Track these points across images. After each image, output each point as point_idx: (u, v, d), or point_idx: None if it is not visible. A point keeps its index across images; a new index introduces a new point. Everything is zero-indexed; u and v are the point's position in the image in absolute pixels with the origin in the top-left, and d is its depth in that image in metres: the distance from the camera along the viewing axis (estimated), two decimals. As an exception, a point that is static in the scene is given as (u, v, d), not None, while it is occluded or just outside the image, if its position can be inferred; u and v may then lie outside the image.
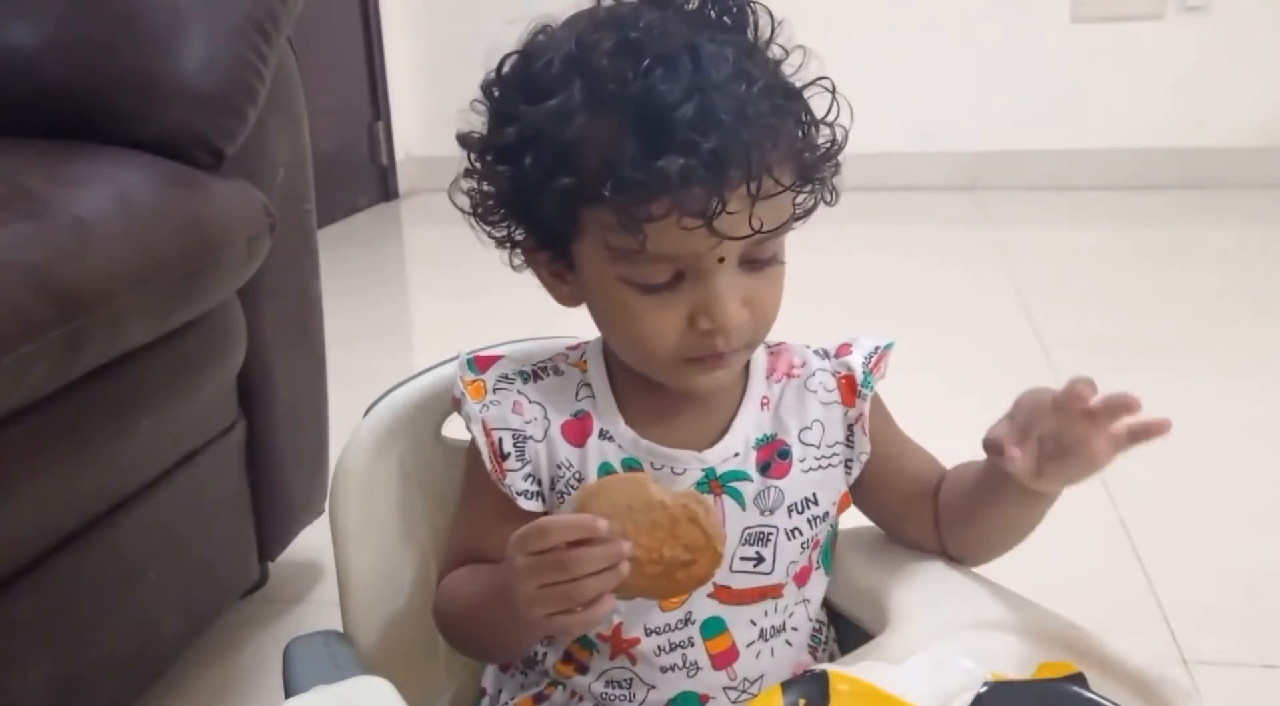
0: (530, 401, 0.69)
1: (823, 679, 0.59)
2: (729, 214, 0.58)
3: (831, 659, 0.73)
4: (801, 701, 0.57)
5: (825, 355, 0.73)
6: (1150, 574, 1.31)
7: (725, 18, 0.63)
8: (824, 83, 0.63)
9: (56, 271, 0.84)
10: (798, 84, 0.63)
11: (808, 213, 0.66)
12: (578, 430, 0.69)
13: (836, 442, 0.71)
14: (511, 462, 0.68)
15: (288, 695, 0.64)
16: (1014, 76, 3.47)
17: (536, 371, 0.71)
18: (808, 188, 0.64)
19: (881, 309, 2.32)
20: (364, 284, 2.77)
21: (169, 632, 1.09)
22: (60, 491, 0.90)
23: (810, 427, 0.70)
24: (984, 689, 0.59)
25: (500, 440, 0.68)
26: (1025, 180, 3.50)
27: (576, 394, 0.70)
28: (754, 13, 0.63)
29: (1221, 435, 1.69)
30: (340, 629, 0.75)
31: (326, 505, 0.79)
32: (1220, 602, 1.25)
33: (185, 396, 1.07)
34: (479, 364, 0.71)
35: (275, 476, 1.23)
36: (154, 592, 1.04)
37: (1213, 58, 3.35)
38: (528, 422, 0.68)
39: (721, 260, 0.61)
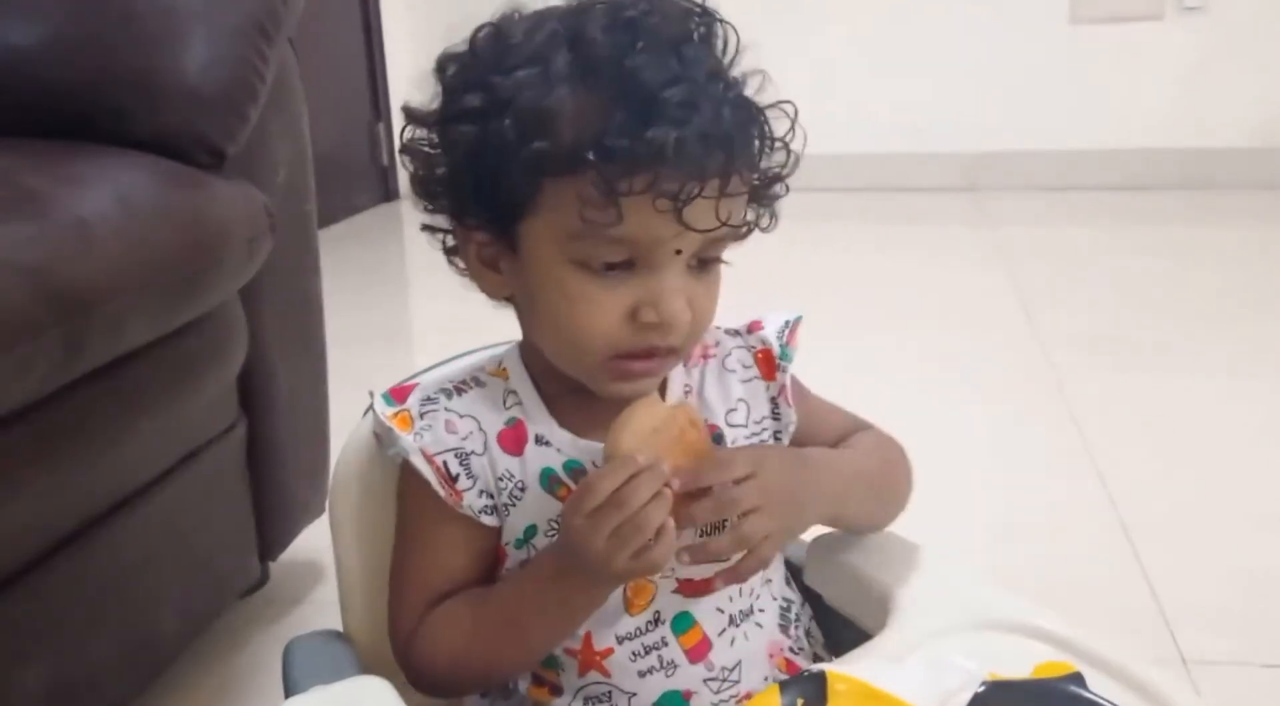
0: (461, 416, 0.68)
1: (821, 678, 0.59)
2: (702, 199, 0.58)
3: (807, 636, 0.74)
4: (800, 701, 0.57)
5: (736, 333, 0.73)
6: (1149, 574, 1.31)
7: (700, 28, 0.63)
8: (785, 107, 0.63)
9: (57, 271, 0.84)
10: (760, 103, 0.63)
11: (745, 234, 0.66)
12: (513, 438, 0.68)
13: (764, 417, 0.71)
14: (463, 482, 0.66)
15: (287, 695, 0.64)
16: (1013, 77, 3.47)
17: (458, 387, 0.70)
18: (764, 199, 0.65)
19: (881, 308, 2.33)
20: (364, 284, 2.77)
21: (169, 632, 1.09)
22: (61, 491, 0.90)
23: (735, 408, 0.71)
24: (982, 688, 0.59)
25: (445, 463, 0.66)
26: (1025, 180, 3.50)
27: (504, 402, 0.69)
28: (724, 33, 0.63)
29: (1222, 435, 1.70)
30: (340, 628, 0.75)
31: (327, 505, 0.79)
32: (1220, 602, 1.25)
33: (186, 396, 1.07)
34: (395, 396, 0.69)
35: (276, 476, 1.23)
36: (154, 592, 1.04)
37: (1211, 58, 3.35)
38: (465, 438, 0.67)
39: (678, 252, 0.61)
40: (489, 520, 0.67)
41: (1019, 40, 3.44)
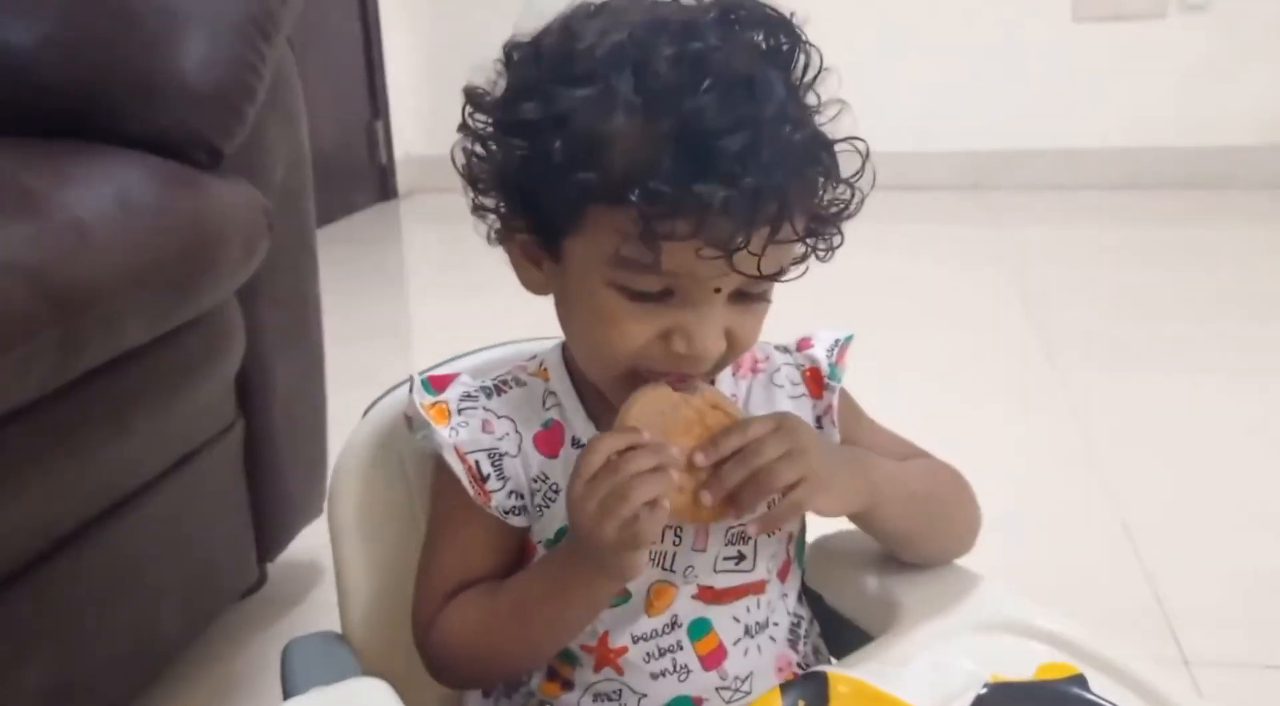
0: (499, 417, 0.68)
1: (822, 680, 0.59)
2: (749, 253, 0.57)
3: (814, 652, 0.73)
4: (801, 703, 0.57)
5: (786, 350, 0.73)
6: (1152, 574, 1.31)
7: (780, 49, 0.61)
8: (858, 144, 0.63)
9: (54, 271, 0.84)
10: (831, 136, 0.62)
11: (800, 262, 0.65)
12: (549, 440, 0.68)
13: None
14: (493, 483, 0.66)
15: (286, 696, 0.64)
16: (1016, 76, 3.46)
17: (499, 385, 0.69)
18: (814, 241, 0.64)
19: (884, 308, 2.32)
20: (363, 284, 2.77)
21: (168, 633, 1.09)
22: (59, 492, 0.90)
23: None
24: (984, 690, 0.59)
25: (477, 463, 0.66)
26: (1028, 179, 3.49)
27: (544, 403, 0.69)
28: (805, 53, 0.62)
29: (1225, 436, 1.70)
30: (339, 630, 0.75)
31: (325, 506, 0.79)
32: (1222, 603, 1.25)
33: (184, 397, 1.06)
34: (435, 384, 0.69)
35: (274, 477, 1.23)
36: (152, 593, 1.04)
37: (1215, 56, 3.34)
38: (500, 439, 0.67)
39: (718, 290, 0.60)
40: (517, 521, 0.67)
41: (1022, 39, 3.44)
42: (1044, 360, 2.05)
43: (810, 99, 0.62)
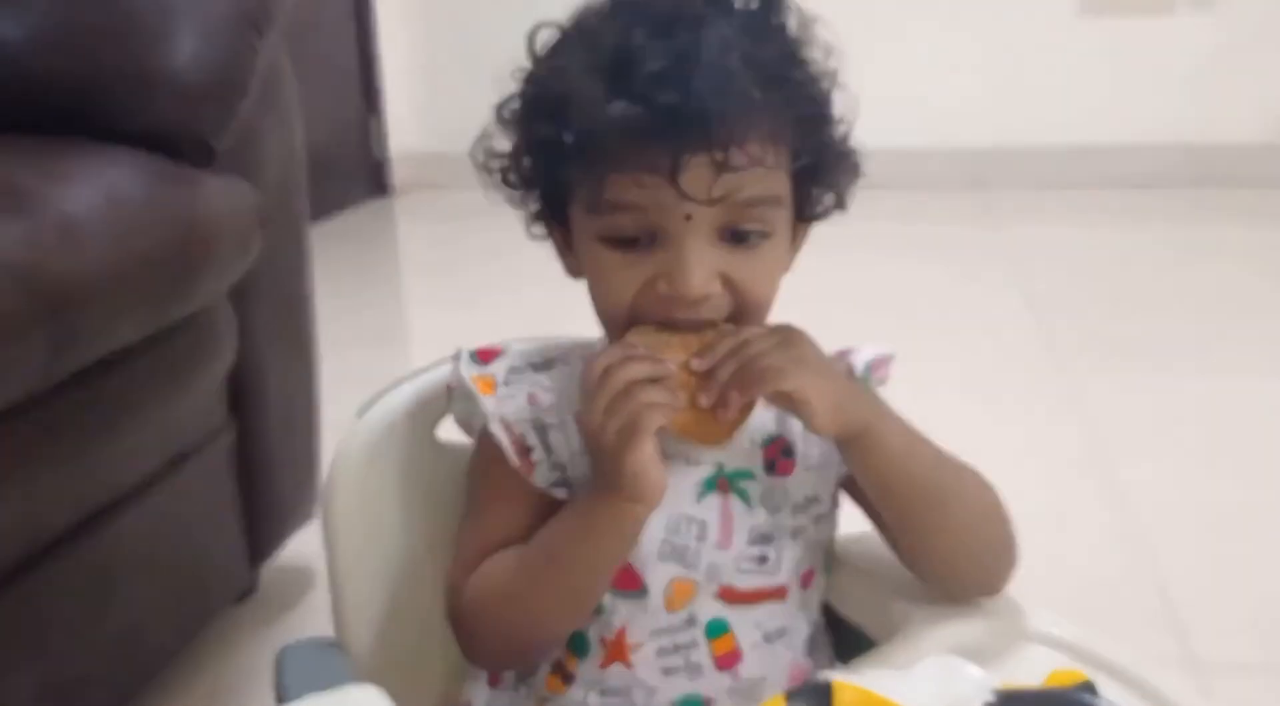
0: (545, 389, 0.68)
1: (826, 688, 0.58)
2: (689, 172, 0.59)
3: (830, 663, 0.72)
4: (806, 710, 0.56)
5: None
6: (1161, 579, 1.30)
7: (751, 3, 0.64)
8: (832, 79, 0.65)
9: (44, 270, 0.83)
10: (822, 82, 0.65)
11: (820, 214, 0.68)
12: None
13: None
14: (537, 455, 0.67)
15: (279, 702, 0.64)
16: (1021, 72, 3.46)
17: (548, 361, 0.70)
18: (803, 169, 0.65)
19: (886, 306, 2.32)
20: (357, 281, 2.76)
21: (158, 639, 1.08)
22: (47, 495, 0.89)
23: None
24: (993, 698, 0.58)
25: (523, 434, 0.67)
26: (1032, 177, 3.48)
27: None
28: (784, 6, 0.65)
29: (1230, 436, 1.69)
30: (332, 635, 0.74)
31: (318, 509, 0.78)
32: (1233, 607, 1.24)
33: (174, 397, 1.06)
34: (482, 357, 0.70)
35: (266, 479, 1.23)
36: (142, 598, 1.03)
37: (1222, 53, 3.33)
38: (545, 410, 0.68)
39: (689, 218, 0.61)
40: (559, 493, 0.68)
41: (1027, 34, 3.43)
42: (1048, 359, 2.04)
43: (794, 49, 0.65)
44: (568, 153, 0.61)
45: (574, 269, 0.70)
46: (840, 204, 0.69)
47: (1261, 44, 3.32)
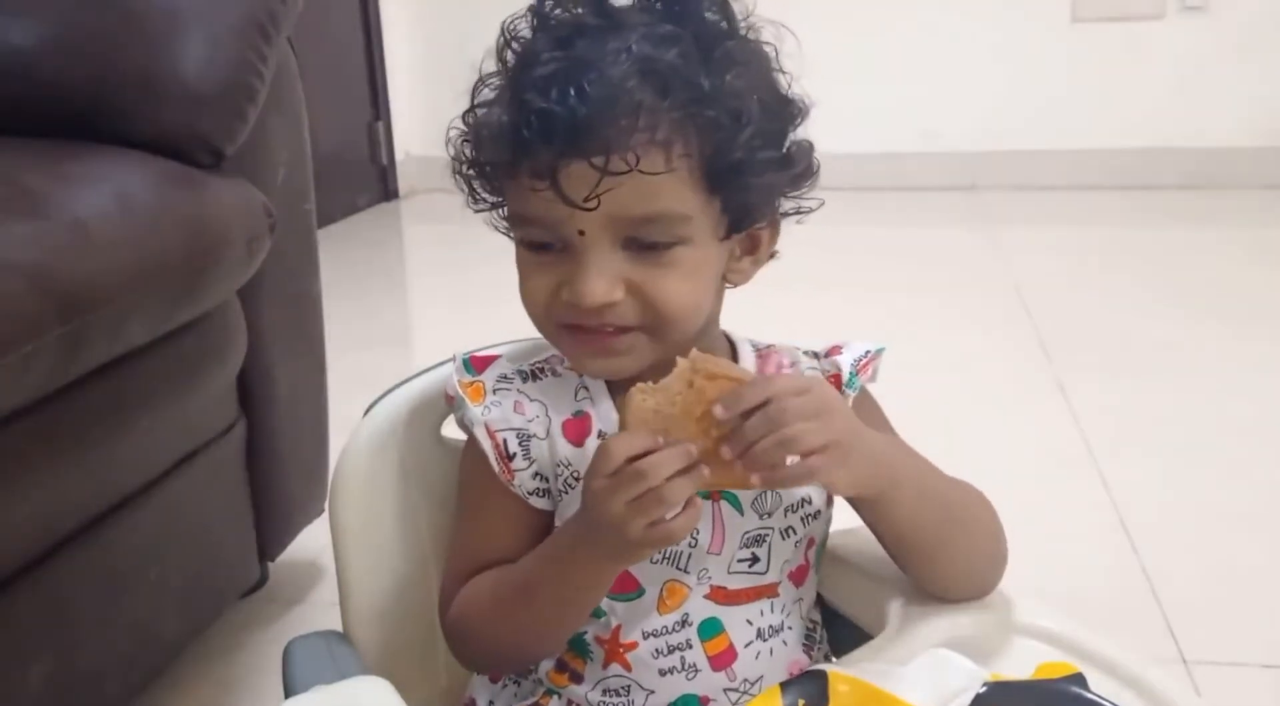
0: (531, 400, 0.69)
1: (822, 679, 0.59)
2: (571, 180, 0.59)
3: (826, 658, 0.73)
4: (801, 702, 0.57)
5: (815, 356, 0.73)
6: (1150, 574, 1.31)
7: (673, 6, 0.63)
8: (737, 79, 0.62)
9: (56, 271, 0.84)
10: (743, 85, 0.62)
11: (746, 227, 0.65)
12: (577, 429, 0.68)
13: None
14: (519, 462, 0.68)
15: (287, 695, 0.64)
16: (1015, 76, 3.46)
17: (535, 370, 0.71)
18: (723, 182, 0.62)
19: (881, 308, 2.32)
20: (364, 284, 2.77)
21: (169, 632, 1.09)
22: (60, 491, 0.90)
23: None
24: (983, 689, 0.59)
25: (505, 441, 0.68)
26: (1025, 180, 3.49)
27: (575, 394, 0.70)
28: (698, 6, 0.63)
29: (1220, 435, 1.70)
30: (340, 629, 0.75)
31: (326, 505, 0.79)
32: (1220, 602, 1.25)
33: (185, 396, 1.07)
34: (476, 364, 0.71)
35: (275, 476, 1.23)
36: (154, 592, 1.04)
37: (1213, 58, 3.34)
38: (530, 421, 0.68)
39: (581, 233, 0.61)
40: (539, 503, 0.68)
41: (1020, 39, 3.44)
42: (1041, 360, 2.05)
43: (719, 56, 0.62)
44: (479, 164, 0.65)
45: None
46: (772, 222, 0.67)
47: (1251, 49, 3.32)
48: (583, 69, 0.59)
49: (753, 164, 0.62)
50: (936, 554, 0.67)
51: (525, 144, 0.59)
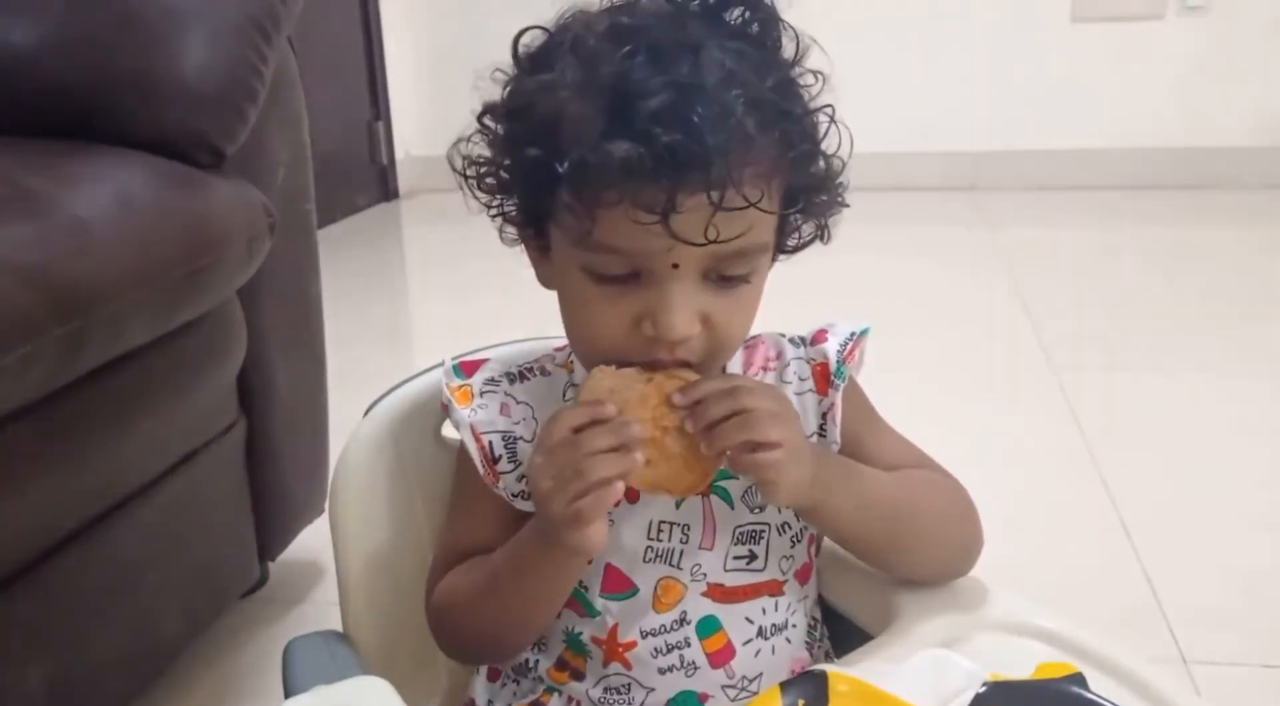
0: (518, 402, 0.69)
1: (822, 679, 0.59)
2: (683, 214, 0.56)
3: (826, 656, 0.73)
4: (800, 702, 0.57)
5: (801, 343, 0.72)
6: (1150, 574, 1.31)
7: (750, 27, 0.61)
8: (827, 110, 0.62)
9: (56, 271, 0.84)
10: (812, 111, 0.62)
11: (798, 246, 0.66)
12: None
13: (812, 433, 0.70)
14: (503, 465, 0.68)
15: (287, 695, 0.64)
16: (1014, 76, 3.47)
17: (523, 372, 0.71)
18: (794, 211, 0.63)
19: (880, 309, 2.32)
20: (364, 284, 2.77)
21: (169, 632, 1.09)
22: (60, 491, 0.90)
23: None
24: (983, 689, 0.59)
25: (490, 443, 0.68)
26: (1024, 180, 3.50)
27: (564, 394, 0.70)
28: (781, 30, 0.62)
29: (1221, 435, 1.70)
30: (340, 629, 0.75)
31: (326, 505, 0.79)
32: (1220, 602, 1.25)
33: (185, 396, 1.07)
34: (465, 369, 0.71)
35: (275, 476, 1.23)
36: (154, 592, 1.04)
37: (1212, 58, 3.35)
38: (516, 424, 0.68)
39: (676, 266, 0.59)
40: (523, 505, 0.68)
41: (1020, 39, 3.44)
42: (1040, 360, 2.05)
43: (791, 78, 0.62)
44: (557, 178, 0.58)
45: (547, 279, 0.67)
46: (822, 236, 0.68)
47: (1250, 48, 3.33)
48: (696, 98, 0.55)
49: (821, 192, 0.64)
50: (886, 554, 0.69)
51: (641, 175, 0.55)
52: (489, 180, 0.66)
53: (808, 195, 0.63)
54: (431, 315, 2.68)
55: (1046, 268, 2.70)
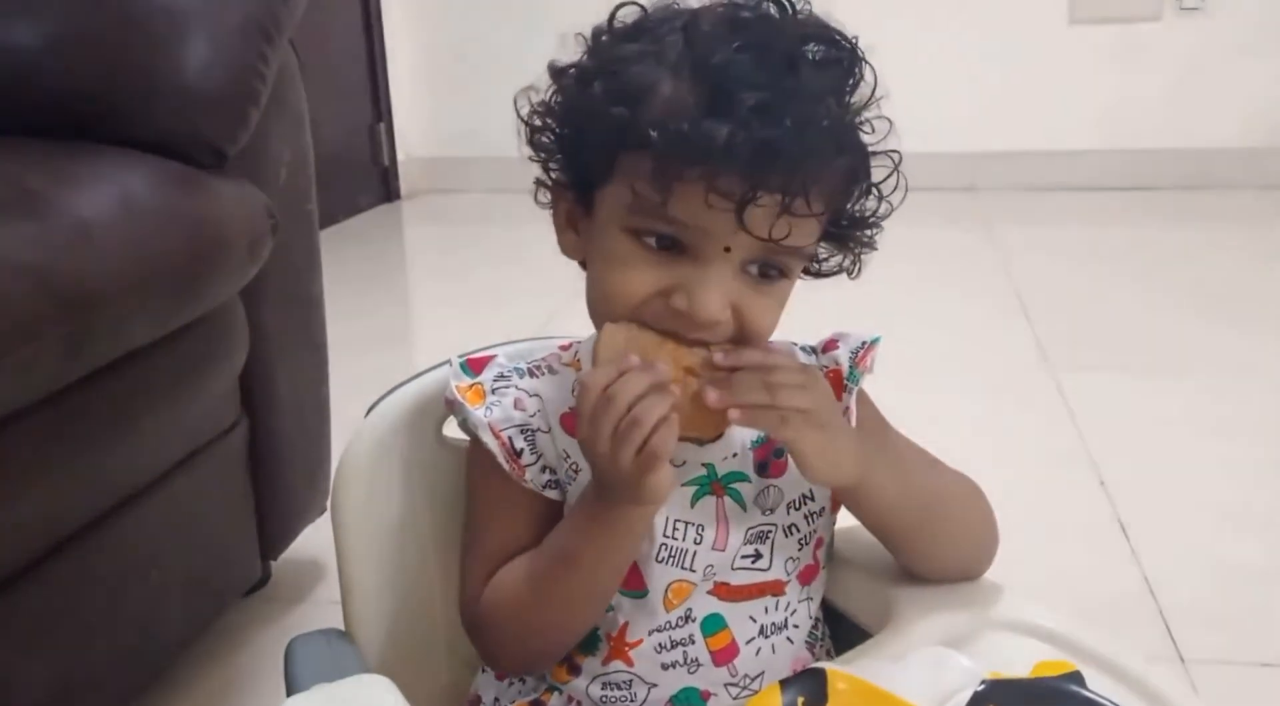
0: (530, 395, 0.69)
1: (821, 677, 0.59)
2: (759, 206, 0.58)
3: (828, 656, 0.73)
4: (800, 700, 0.58)
5: (812, 352, 0.73)
6: (1147, 572, 1.31)
7: (835, 51, 0.64)
8: (893, 155, 0.65)
9: (59, 272, 0.84)
10: (870, 147, 0.64)
11: (825, 273, 0.69)
12: (575, 423, 0.68)
13: None
14: (527, 457, 0.68)
15: (289, 693, 0.65)
16: (1012, 77, 3.47)
17: (532, 369, 0.71)
18: (837, 233, 0.66)
19: (880, 308, 2.32)
20: (366, 284, 2.77)
21: (171, 631, 1.09)
22: (62, 491, 0.90)
23: None
24: (982, 687, 0.59)
25: (511, 438, 0.68)
26: (1023, 181, 3.50)
27: (573, 390, 0.70)
28: (861, 68, 0.64)
29: (1220, 435, 1.70)
30: (342, 627, 0.75)
31: (328, 504, 0.79)
32: (1217, 600, 1.25)
33: (187, 396, 1.07)
34: (473, 366, 0.71)
35: (277, 476, 1.24)
36: (156, 591, 1.04)
37: (1209, 59, 3.35)
38: (532, 416, 0.69)
39: (728, 250, 0.61)
40: (552, 494, 0.68)
41: (1018, 40, 3.45)
42: (1038, 360, 2.05)
43: (857, 117, 0.64)
44: (638, 145, 0.59)
45: (573, 249, 0.69)
46: (850, 271, 0.71)
47: (1248, 49, 3.33)
48: (796, 104, 0.58)
49: (862, 226, 0.67)
50: (918, 541, 0.70)
51: (729, 161, 0.57)
52: (544, 138, 0.67)
53: (851, 228, 0.66)
54: (433, 315, 2.68)
55: (1045, 267, 2.71)
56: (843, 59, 0.63)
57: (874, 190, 0.65)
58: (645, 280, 0.62)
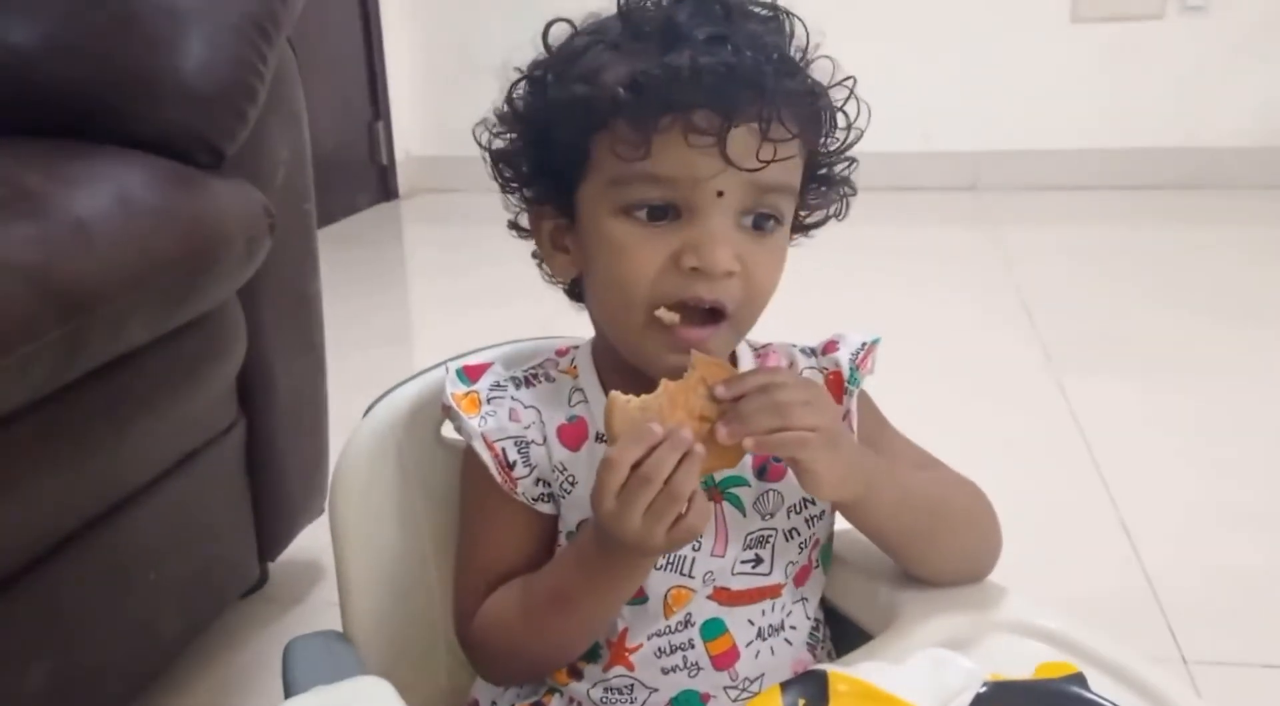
0: (526, 406, 0.69)
1: (822, 679, 0.59)
2: (740, 136, 0.59)
3: (828, 657, 0.73)
4: (801, 701, 0.57)
5: (812, 353, 0.73)
6: (1150, 574, 1.31)
7: (767, 11, 0.65)
8: (847, 82, 0.66)
9: (56, 271, 0.84)
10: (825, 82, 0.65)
11: (815, 223, 0.70)
12: (573, 434, 0.68)
13: None
14: (519, 470, 0.68)
15: (287, 695, 0.64)
16: (1014, 76, 3.46)
17: (529, 377, 0.71)
18: (818, 172, 0.67)
19: (880, 308, 2.32)
20: (364, 284, 2.77)
21: (169, 632, 1.09)
22: (60, 491, 0.90)
23: None
24: (984, 689, 0.59)
25: (504, 450, 0.68)
26: (1025, 180, 3.49)
27: (570, 399, 0.70)
28: (793, 24, 0.66)
29: (1220, 435, 1.70)
30: (340, 629, 0.75)
31: (326, 505, 0.79)
32: (1220, 602, 1.25)
33: (185, 396, 1.07)
34: (469, 373, 0.70)
35: (275, 476, 1.23)
36: (154, 592, 1.04)
37: (1212, 57, 3.35)
38: (526, 428, 0.68)
39: (721, 194, 0.61)
40: (545, 508, 0.68)
41: (1020, 39, 3.44)
42: (1041, 360, 2.05)
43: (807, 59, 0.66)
44: (607, 116, 0.60)
45: (565, 267, 0.69)
46: (838, 213, 0.71)
47: (1251, 47, 3.32)
48: (740, 35, 0.60)
49: (836, 164, 0.68)
50: (919, 549, 0.70)
51: (697, 91, 0.58)
52: (507, 172, 0.68)
53: (826, 160, 0.67)
54: (431, 315, 2.68)
55: (1046, 267, 2.70)
56: (777, 15, 0.65)
57: (842, 115, 0.66)
58: (651, 254, 0.62)
